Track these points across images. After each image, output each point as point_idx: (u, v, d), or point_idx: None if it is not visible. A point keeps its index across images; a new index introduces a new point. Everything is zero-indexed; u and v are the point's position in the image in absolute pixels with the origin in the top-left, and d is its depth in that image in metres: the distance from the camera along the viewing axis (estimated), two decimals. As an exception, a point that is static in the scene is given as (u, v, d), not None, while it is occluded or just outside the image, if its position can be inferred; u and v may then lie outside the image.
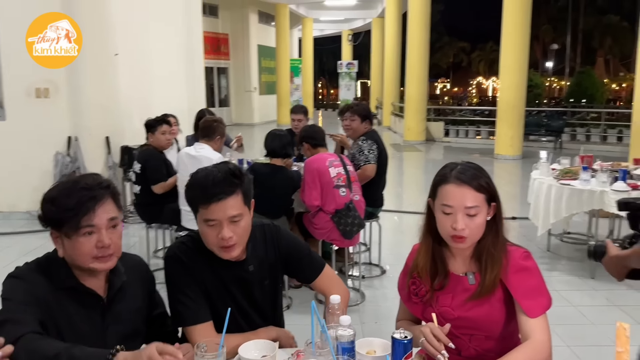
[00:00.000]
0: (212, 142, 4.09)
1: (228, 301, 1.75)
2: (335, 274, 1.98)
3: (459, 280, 1.64)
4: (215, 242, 1.63)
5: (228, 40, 19.97)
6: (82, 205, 1.46)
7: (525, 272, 1.59)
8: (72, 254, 1.49)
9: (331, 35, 30.79)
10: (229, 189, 1.61)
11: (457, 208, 1.55)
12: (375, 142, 4.30)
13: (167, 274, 1.74)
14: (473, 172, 1.58)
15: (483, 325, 1.61)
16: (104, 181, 1.54)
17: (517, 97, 11.15)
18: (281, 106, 20.11)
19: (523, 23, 10.86)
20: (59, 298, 1.50)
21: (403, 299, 1.76)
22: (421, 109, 14.20)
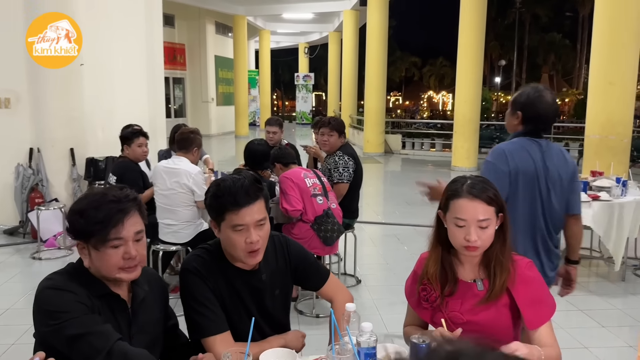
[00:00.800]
0: (190, 154, 4.08)
1: (241, 311, 1.80)
2: (339, 280, 2.05)
3: (468, 286, 1.74)
4: (243, 247, 1.68)
5: (184, 50, 19.75)
6: (111, 218, 1.48)
7: (530, 283, 1.70)
8: (99, 265, 1.51)
9: (287, 47, 30.99)
10: (254, 194, 1.68)
11: (470, 221, 1.64)
12: (351, 156, 4.39)
13: (184, 286, 1.76)
14: (482, 185, 1.68)
15: (490, 329, 1.70)
16: (130, 194, 1.56)
17: (472, 111, 11.58)
18: (239, 117, 20.02)
19: (477, 41, 11.34)
20: (96, 306, 1.52)
21: (412, 305, 1.84)
22: (380, 122, 14.49)
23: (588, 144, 6.70)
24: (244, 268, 1.79)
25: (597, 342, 3.57)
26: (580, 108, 20.39)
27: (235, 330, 1.77)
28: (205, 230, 4.15)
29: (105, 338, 1.42)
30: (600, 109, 6.49)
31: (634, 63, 6.42)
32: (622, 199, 4.38)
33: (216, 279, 1.76)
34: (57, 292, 1.47)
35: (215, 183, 1.74)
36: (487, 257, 1.72)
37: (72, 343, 1.41)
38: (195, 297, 1.72)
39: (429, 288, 1.74)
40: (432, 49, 42.00)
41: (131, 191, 1.59)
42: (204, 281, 1.73)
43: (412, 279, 1.85)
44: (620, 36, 6.27)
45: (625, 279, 4.73)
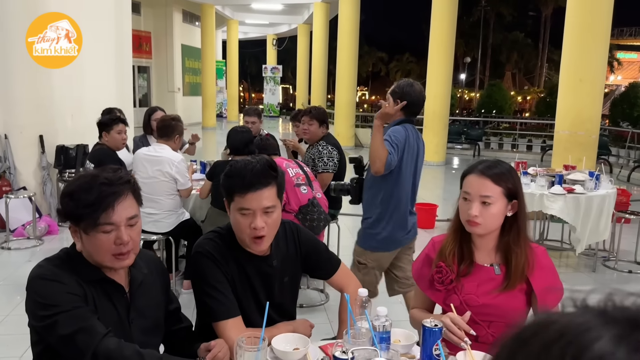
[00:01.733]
0: (171, 141, 3.99)
1: (250, 297, 1.79)
2: (350, 270, 2.03)
3: (484, 270, 1.77)
4: (248, 232, 1.66)
5: (150, 38, 19.31)
6: (101, 202, 1.42)
7: (546, 270, 1.75)
8: (90, 249, 1.46)
9: (255, 39, 30.69)
10: (265, 180, 1.65)
11: (473, 195, 1.70)
12: (335, 146, 4.37)
13: (196, 270, 1.74)
14: (498, 169, 1.73)
15: (504, 313, 1.73)
16: (124, 175, 1.50)
17: (442, 106, 11.75)
18: (207, 108, 19.74)
19: (448, 38, 11.48)
20: (90, 293, 1.47)
21: (423, 288, 1.86)
22: (350, 115, 14.55)
23: (558, 140, 6.90)
24: (255, 253, 1.77)
25: None
26: (543, 106, 20.99)
27: (244, 316, 1.75)
28: (187, 220, 4.09)
29: (92, 336, 1.37)
30: (570, 105, 6.69)
31: (603, 60, 6.64)
32: (595, 192, 4.53)
33: (228, 263, 1.74)
34: (46, 283, 1.42)
35: (230, 163, 1.73)
36: (502, 244, 1.75)
37: (61, 342, 1.38)
38: (208, 281, 1.70)
39: (445, 270, 1.76)
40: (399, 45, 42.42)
41: (126, 173, 1.53)
42: (216, 265, 1.71)
43: (423, 262, 1.87)
44: (590, 34, 6.46)
45: (596, 270, 4.91)
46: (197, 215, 4.30)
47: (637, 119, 15.68)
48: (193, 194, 4.18)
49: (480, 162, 1.77)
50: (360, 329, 1.63)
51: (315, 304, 4.07)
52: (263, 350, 1.52)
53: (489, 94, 21.18)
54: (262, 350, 1.51)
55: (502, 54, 35.61)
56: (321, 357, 1.67)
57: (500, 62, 36.61)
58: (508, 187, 1.71)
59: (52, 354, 1.45)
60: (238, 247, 1.76)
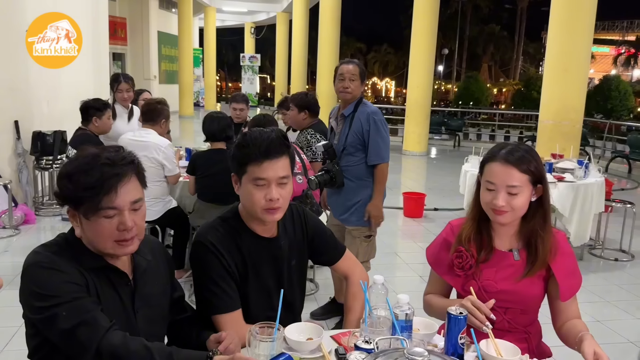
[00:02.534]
0: (157, 125, 3.85)
1: (258, 281, 1.72)
2: (355, 257, 1.96)
3: (503, 255, 1.71)
4: (262, 203, 1.60)
5: (125, 24, 18.84)
6: (102, 184, 1.31)
7: (567, 256, 1.70)
8: (91, 235, 1.35)
9: (232, 27, 30.27)
10: (280, 149, 1.60)
11: (499, 186, 1.63)
12: (323, 134, 4.26)
13: (196, 261, 1.66)
14: (522, 153, 1.64)
15: (521, 299, 1.69)
16: (127, 155, 1.39)
17: (424, 96, 11.74)
18: (184, 96, 19.43)
19: (430, 28, 11.48)
20: (93, 282, 1.36)
21: (440, 273, 1.80)
22: (332, 106, 14.36)
23: (542, 129, 6.93)
24: (262, 235, 1.70)
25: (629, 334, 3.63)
26: (519, 98, 21.25)
27: (253, 301, 1.70)
28: (174, 208, 3.95)
29: (95, 330, 1.26)
30: (554, 95, 6.72)
31: (587, 50, 6.68)
32: (584, 180, 4.54)
33: (232, 252, 1.65)
34: (45, 272, 1.29)
35: (242, 133, 1.65)
36: (526, 229, 1.70)
37: (61, 337, 1.27)
38: (208, 274, 1.63)
39: (465, 255, 1.70)
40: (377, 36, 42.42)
41: (129, 153, 1.41)
42: (217, 258, 1.63)
43: (440, 246, 1.81)
44: (575, 24, 6.48)
45: (583, 258, 4.94)
46: (184, 203, 4.17)
47: (610, 111, 15.98)
48: (180, 182, 4.05)
49: (500, 147, 1.68)
50: (378, 317, 1.56)
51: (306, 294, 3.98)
52: (279, 340, 1.44)
53: (466, 86, 21.36)
54: (278, 340, 1.43)
55: (478, 46, 35.96)
56: (334, 347, 1.60)
57: (477, 54, 36.95)
58: (534, 173, 1.64)
59: (50, 347, 1.34)
60: (246, 230, 1.69)
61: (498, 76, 37.77)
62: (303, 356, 1.52)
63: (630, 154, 10.31)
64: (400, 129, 14.12)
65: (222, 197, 3.78)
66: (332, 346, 1.60)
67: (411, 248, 5.37)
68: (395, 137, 14.72)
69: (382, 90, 43.61)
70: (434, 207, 6.65)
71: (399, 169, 10.58)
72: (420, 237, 5.66)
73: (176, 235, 4.08)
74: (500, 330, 1.70)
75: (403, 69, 36.61)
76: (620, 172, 10.54)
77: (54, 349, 1.33)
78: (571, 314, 1.69)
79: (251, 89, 25.33)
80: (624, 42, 33.29)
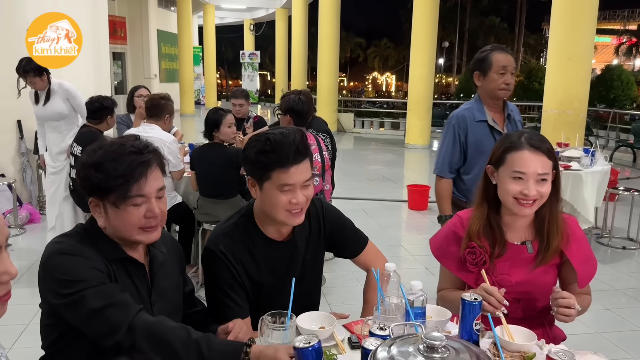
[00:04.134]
0: (161, 121, 3.83)
1: (273, 280, 1.69)
2: (378, 248, 1.91)
3: (517, 249, 1.68)
4: (288, 207, 1.55)
5: (125, 23, 18.80)
6: (133, 172, 1.31)
7: (580, 241, 1.67)
8: (117, 224, 1.34)
9: (231, 24, 30.21)
10: (305, 151, 1.55)
11: (529, 175, 1.57)
12: (326, 133, 4.17)
13: (207, 268, 1.65)
14: (540, 137, 1.62)
15: (535, 289, 1.67)
16: (150, 144, 1.40)
17: (425, 90, 11.69)
18: (184, 95, 19.41)
19: (431, 20, 11.43)
20: (113, 271, 1.35)
21: (452, 269, 1.75)
22: (332, 101, 14.40)
23: (546, 119, 6.89)
24: (277, 239, 1.67)
25: None
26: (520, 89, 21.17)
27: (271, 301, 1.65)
28: (179, 203, 3.94)
29: (126, 310, 1.25)
30: (558, 84, 6.68)
31: (591, 39, 6.63)
32: (591, 169, 4.51)
33: (244, 261, 1.63)
34: (70, 258, 1.29)
35: (264, 137, 1.54)
36: (539, 218, 1.66)
37: (90, 317, 1.25)
38: (218, 283, 1.62)
39: (479, 252, 1.66)
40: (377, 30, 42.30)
41: (148, 141, 1.41)
42: (227, 267, 1.60)
43: (449, 239, 1.76)
44: (578, 11, 6.43)
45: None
46: (189, 199, 4.15)
47: (613, 100, 15.89)
48: (185, 178, 4.03)
49: (518, 135, 1.63)
50: (390, 304, 1.54)
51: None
52: (291, 328, 1.43)
53: (468, 78, 21.21)
54: (291, 329, 1.42)
55: (479, 38, 35.74)
56: (347, 335, 1.58)
57: (477, 46, 36.57)
58: (555, 158, 1.62)
59: (70, 338, 1.32)
60: (260, 235, 1.65)
61: (499, 68, 37.58)
62: (316, 345, 1.51)
63: (635, 143, 10.27)
64: (403, 123, 14.09)
65: (221, 192, 3.77)
66: (344, 335, 1.59)
67: (416, 240, 5.35)
68: (397, 131, 14.72)
69: (382, 85, 43.49)
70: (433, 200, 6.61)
71: (402, 162, 10.56)
72: (425, 229, 5.64)
73: (181, 231, 4.06)
74: (515, 319, 1.68)
75: (403, 63, 36.56)
76: (624, 162, 10.51)
77: (74, 339, 1.31)
78: (582, 291, 1.69)
79: (251, 86, 25.27)
80: (626, 32, 33.11)
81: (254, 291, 1.66)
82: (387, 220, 5.94)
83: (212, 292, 1.64)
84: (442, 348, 1.09)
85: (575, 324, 3.35)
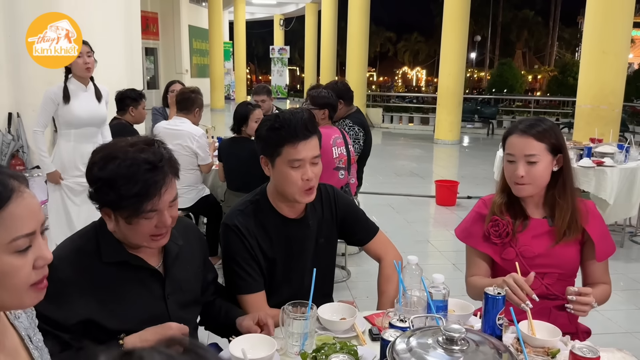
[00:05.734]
0: (191, 115, 3.90)
1: (286, 260, 1.73)
2: (389, 238, 1.93)
3: (539, 222, 1.75)
4: (300, 184, 1.62)
5: (157, 19, 19.10)
6: (148, 191, 1.28)
7: (599, 219, 1.75)
8: (128, 233, 1.35)
9: (261, 19, 30.32)
10: (312, 129, 1.63)
11: (517, 156, 1.69)
12: (361, 126, 4.12)
13: (224, 243, 1.70)
14: (538, 124, 1.69)
15: (558, 263, 1.72)
16: (165, 153, 1.34)
17: (456, 84, 11.55)
18: (215, 90, 19.59)
19: (462, 14, 11.27)
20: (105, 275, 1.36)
21: (476, 245, 1.80)
22: (361, 95, 14.32)
23: (579, 114, 6.73)
24: (290, 216, 1.72)
25: (606, 305, 3.51)
26: (555, 84, 20.69)
27: (285, 281, 1.74)
28: (207, 195, 3.99)
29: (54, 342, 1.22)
30: (592, 78, 6.51)
31: (627, 32, 6.43)
32: (625, 165, 4.39)
33: (258, 235, 1.68)
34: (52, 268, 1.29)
35: (274, 116, 1.65)
36: (549, 199, 1.74)
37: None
38: (233, 256, 1.67)
39: (502, 223, 1.73)
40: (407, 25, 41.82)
41: (161, 146, 1.36)
42: (242, 241, 1.66)
43: (473, 220, 1.83)
44: (614, 4, 6.25)
45: (624, 245, 4.79)
46: (216, 192, 4.21)
47: (652, 96, 15.41)
48: (213, 170, 4.09)
49: (520, 122, 1.74)
50: (412, 297, 1.54)
51: (337, 281, 3.98)
52: (312, 318, 1.44)
53: (500, 73, 20.89)
54: (311, 319, 1.44)
55: (512, 32, 35.08)
56: (368, 327, 1.59)
57: (510, 40, 36.07)
58: (552, 142, 1.68)
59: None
60: (273, 212, 1.72)
61: (532, 63, 36.81)
62: (337, 335, 1.52)
63: (673, 140, 9.93)
64: (432, 118, 13.94)
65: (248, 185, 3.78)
66: (365, 326, 1.59)
67: (444, 236, 5.30)
68: (426, 126, 14.58)
69: (412, 79, 43.08)
70: (467, 195, 6.54)
71: (430, 158, 10.46)
72: (453, 225, 5.54)
73: (209, 223, 4.12)
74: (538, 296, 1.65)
75: (434, 57, 36.07)
76: (662, 159, 10.17)
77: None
78: (601, 277, 1.75)
79: (281, 81, 25.38)
80: (666, 25, 31.95)
81: (268, 268, 1.71)
82: (413, 216, 5.90)
83: (227, 266, 1.70)
84: (461, 340, 1.09)
85: (606, 322, 3.31)
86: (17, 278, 0.88)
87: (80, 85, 3.63)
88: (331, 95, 3.63)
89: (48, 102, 3.53)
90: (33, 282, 0.91)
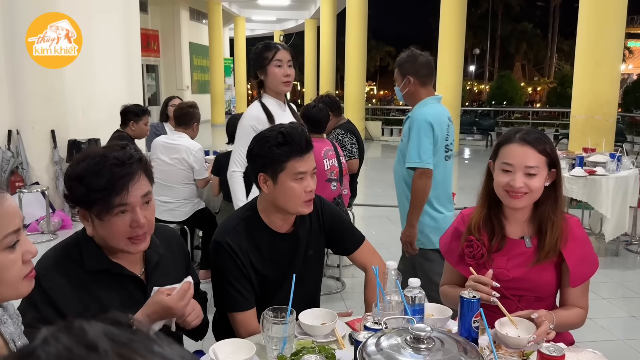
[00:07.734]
0: (189, 129, 3.95)
1: (276, 273, 1.75)
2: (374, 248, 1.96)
3: (515, 243, 1.69)
4: (303, 196, 1.66)
5: (158, 37, 19.32)
6: (114, 185, 1.32)
7: (579, 241, 1.67)
8: (104, 234, 1.38)
9: (262, 35, 30.58)
10: (311, 142, 1.69)
11: (517, 167, 1.61)
12: (353, 134, 4.23)
13: (214, 260, 1.71)
14: (537, 135, 1.65)
15: (534, 286, 1.67)
16: (134, 153, 1.39)
17: (453, 97, 11.61)
18: (216, 105, 19.74)
19: (458, 27, 11.37)
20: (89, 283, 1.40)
21: (452, 263, 1.79)
22: (360, 108, 14.45)
23: (574, 124, 6.77)
24: (280, 231, 1.74)
25: (601, 314, 3.59)
26: (554, 96, 20.79)
27: (276, 294, 1.74)
28: (202, 209, 4.03)
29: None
30: (586, 89, 6.55)
31: (619, 42, 6.50)
32: (617, 174, 4.42)
33: (249, 253, 1.70)
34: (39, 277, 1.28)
35: (274, 132, 1.65)
36: (537, 215, 1.67)
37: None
38: (224, 275, 1.68)
39: (476, 245, 1.69)
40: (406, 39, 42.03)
41: (134, 149, 1.42)
42: (233, 259, 1.67)
43: (452, 236, 1.81)
44: (606, 15, 6.32)
45: (619, 254, 4.80)
46: (211, 205, 4.25)
47: (650, 106, 15.48)
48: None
49: (515, 131, 1.67)
50: (390, 302, 1.57)
51: (332, 292, 4.01)
52: (291, 323, 1.47)
53: (499, 85, 21.02)
54: (290, 324, 1.46)
55: (510, 45, 35.29)
56: (348, 332, 1.62)
57: (509, 53, 36.29)
58: (550, 155, 1.63)
59: None
60: (264, 228, 1.73)
61: (532, 75, 37.00)
62: (317, 340, 1.55)
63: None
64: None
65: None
66: (346, 331, 1.62)
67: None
68: (426, 139, 14.62)
69: (413, 93, 43.16)
70: (463, 206, 6.55)
71: (429, 170, 10.47)
72: (450, 236, 5.59)
73: (205, 235, 4.16)
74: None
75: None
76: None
77: None
78: (575, 300, 1.66)
79: (281, 96, 25.48)
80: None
81: (260, 283, 1.72)
82: (410, 227, 5.91)
83: (218, 284, 1.70)
84: (427, 339, 1.12)
85: (599, 330, 3.31)
86: (13, 271, 1.01)
87: (278, 103, 2.73)
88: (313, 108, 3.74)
89: (249, 132, 2.47)
90: (25, 275, 1.03)
